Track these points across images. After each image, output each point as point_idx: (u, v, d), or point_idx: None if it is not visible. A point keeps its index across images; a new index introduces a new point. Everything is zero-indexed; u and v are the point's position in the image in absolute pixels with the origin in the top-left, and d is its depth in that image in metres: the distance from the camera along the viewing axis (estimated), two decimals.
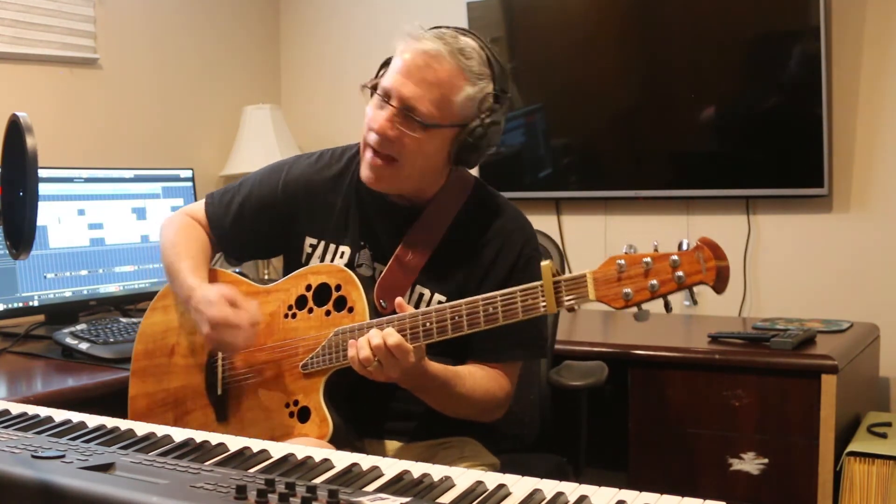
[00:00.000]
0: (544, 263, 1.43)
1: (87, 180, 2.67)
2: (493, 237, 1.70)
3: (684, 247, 1.34)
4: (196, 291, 1.68)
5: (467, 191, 1.75)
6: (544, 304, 1.43)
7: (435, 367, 1.56)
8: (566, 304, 1.41)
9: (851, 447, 2.25)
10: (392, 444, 1.72)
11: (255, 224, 1.82)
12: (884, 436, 2.34)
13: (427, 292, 1.69)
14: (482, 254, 1.70)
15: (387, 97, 1.61)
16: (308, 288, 1.70)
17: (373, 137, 1.62)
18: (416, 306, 1.68)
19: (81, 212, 2.64)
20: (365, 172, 1.66)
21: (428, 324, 1.52)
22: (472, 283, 1.66)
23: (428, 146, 1.61)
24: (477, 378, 1.64)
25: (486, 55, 1.63)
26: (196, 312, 1.67)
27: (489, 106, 1.62)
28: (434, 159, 1.64)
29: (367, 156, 1.65)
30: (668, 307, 1.37)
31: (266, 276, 3.43)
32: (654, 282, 1.33)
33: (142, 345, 1.86)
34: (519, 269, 1.68)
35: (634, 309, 1.37)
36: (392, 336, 1.47)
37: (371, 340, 1.48)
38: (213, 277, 1.80)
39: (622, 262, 1.36)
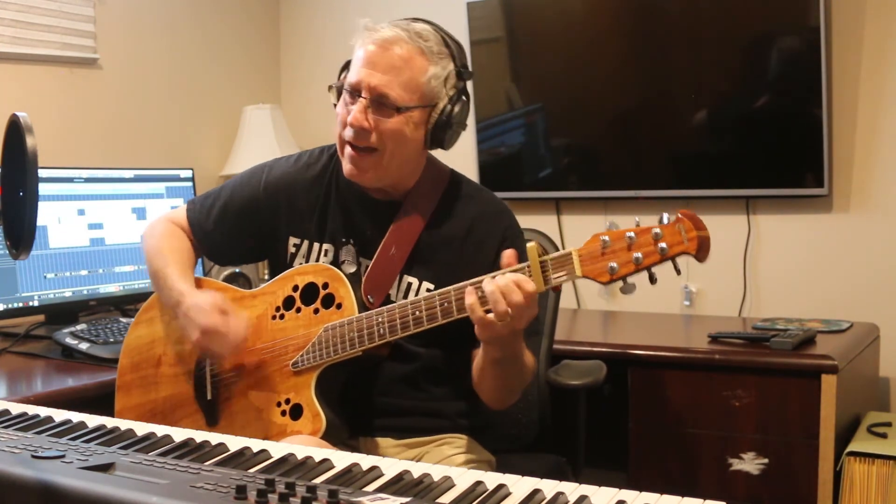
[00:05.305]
0: (530, 244, 1.45)
1: (87, 180, 2.67)
2: (475, 222, 1.73)
3: (665, 220, 1.37)
4: (186, 298, 1.69)
5: (445, 180, 1.78)
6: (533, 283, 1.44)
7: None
8: (554, 282, 1.43)
9: (851, 447, 2.25)
10: (385, 442, 1.71)
11: (237, 226, 1.82)
12: (884, 436, 2.34)
13: (415, 281, 1.70)
14: (466, 239, 1.72)
15: (357, 91, 1.63)
16: (295, 288, 1.70)
17: (349, 132, 1.64)
18: (405, 296, 1.69)
19: (81, 212, 2.64)
20: (347, 168, 1.68)
21: (418, 312, 1.53)
22: (459, 268, 1.65)
23: (404, 130, 1.63)
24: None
25: (441, 36, 1.67)
26: (185, 319, 1.68)
27: (454, 83, 1.66)
28: (411, 144, 1.66)
29: (346, 151, 1.66)
30: (652, 279, 1.39)
31: (266, 277, 3.42)
32: (639, 254, 1.36)
33: (127, 359, 1.85)
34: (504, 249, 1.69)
35: (620, 283, 1.39)
36: (527, 283, 1.43)
37: (511, 298, 1.42)
38: (197, 285, 1.80)
39: (606, 238, 1.38)
